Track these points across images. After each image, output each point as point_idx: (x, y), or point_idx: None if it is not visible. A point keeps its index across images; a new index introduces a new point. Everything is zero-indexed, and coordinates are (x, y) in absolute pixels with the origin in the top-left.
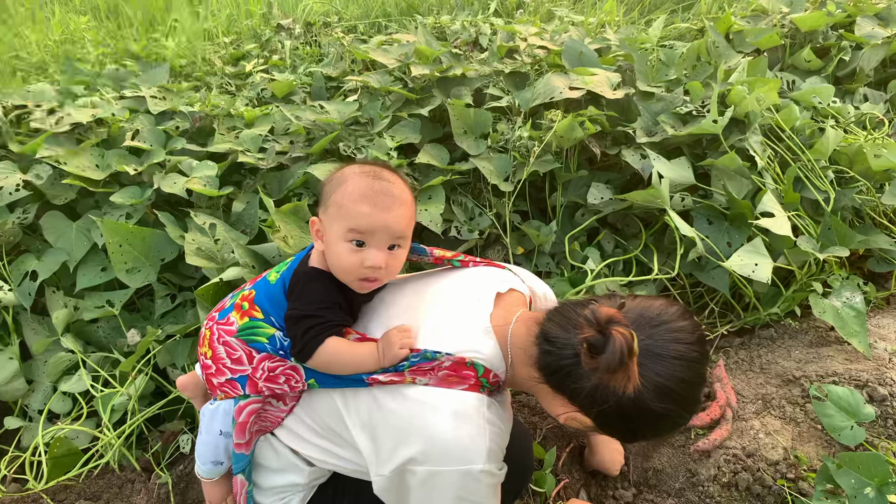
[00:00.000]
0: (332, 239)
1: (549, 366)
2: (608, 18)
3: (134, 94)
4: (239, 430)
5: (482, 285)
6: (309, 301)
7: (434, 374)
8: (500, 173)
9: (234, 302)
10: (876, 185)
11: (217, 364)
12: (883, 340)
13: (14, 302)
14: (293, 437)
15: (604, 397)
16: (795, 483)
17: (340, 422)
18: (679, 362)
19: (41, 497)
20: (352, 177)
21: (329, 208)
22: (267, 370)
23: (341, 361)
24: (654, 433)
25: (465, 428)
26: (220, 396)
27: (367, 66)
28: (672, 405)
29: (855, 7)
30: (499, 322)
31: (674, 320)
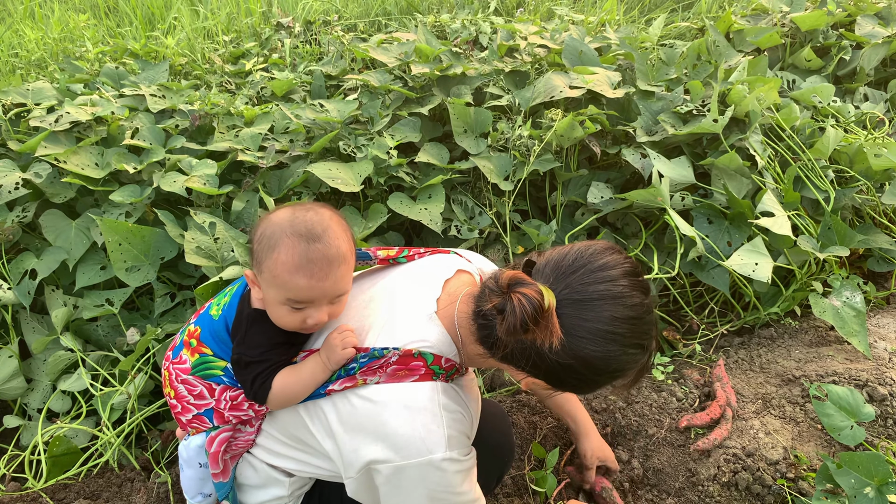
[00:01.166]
0: (270, 300)
1: (486, 339)
2: (608, 17)
3: (133, 92)
4: (212, 460)
5: (428, 274)
6: (252, 345)
7: (383, 371)
8: (500, 172)
9: (183, 339)
10: (876, 185)
11: (181, 402)
12: (883, 340)
13: (13, 300)
14: (267, 453)
15: (539, 357)
16: (795, 483)
17: (307, 431)
18: (604, 302)
19: (40, 496)
20: (283, 241)
21: (263, 274)
22: (230, 399)
23: (294, 391)
24: (612, 377)
25: (418, 419)
26: (191, 432)
27: (367, 65)
28: (612, 346)
29: (855, 6)
30: (445, 306)
31: (593, 261)
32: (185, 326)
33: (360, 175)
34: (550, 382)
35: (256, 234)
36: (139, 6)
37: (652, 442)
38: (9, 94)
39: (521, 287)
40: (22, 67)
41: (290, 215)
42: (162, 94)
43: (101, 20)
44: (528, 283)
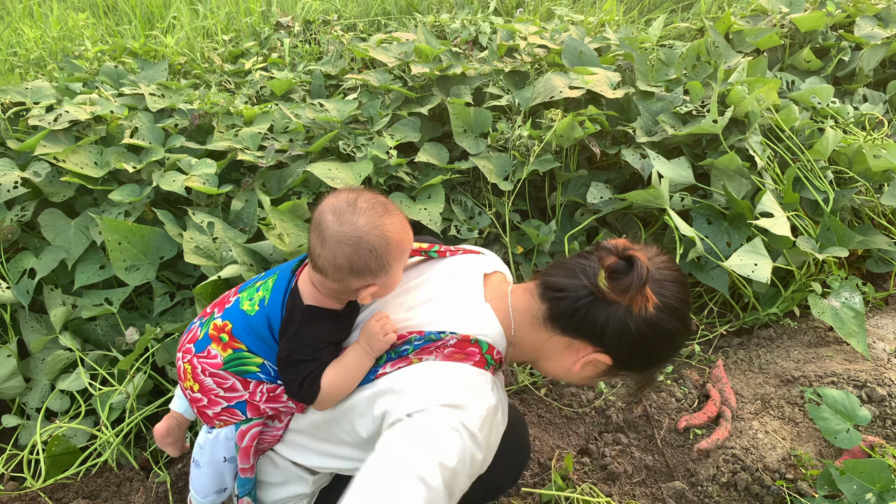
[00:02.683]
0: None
1: (564, 312)
2: (608, 18)
3: (132, 91)
4: (243, 455)
5: (468, 269)
6: (306, 343)
7: (440, 352)
8: (500, 172)
9: (208, 332)
10: (875, 186)
11: (208, 395)
12: (881, 341)
13: (12, 300)
14: (291, 449)
15: (625, 325)
16: (794, 483)
17: (338, 422)
18: (675, 284)
19: (39, 495)
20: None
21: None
22: (266, 392)
23: (343, 385)
24: (668, 353)
25: (469, 394)
26: (217, 425)
27: (367, 65)
28: (679, 322)
29: (854, 7)
30: (494, 299)
31: (657, 253)
32: (205, 319)
33: (359, 175)
34: (618, 357)
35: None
36: (138, 5)
37: (651, 442)
38: (8, 92)
39: (637, 253)
40: (21, 66)
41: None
42: (161, 93)
43: (100, 19)
44: (639, 250)
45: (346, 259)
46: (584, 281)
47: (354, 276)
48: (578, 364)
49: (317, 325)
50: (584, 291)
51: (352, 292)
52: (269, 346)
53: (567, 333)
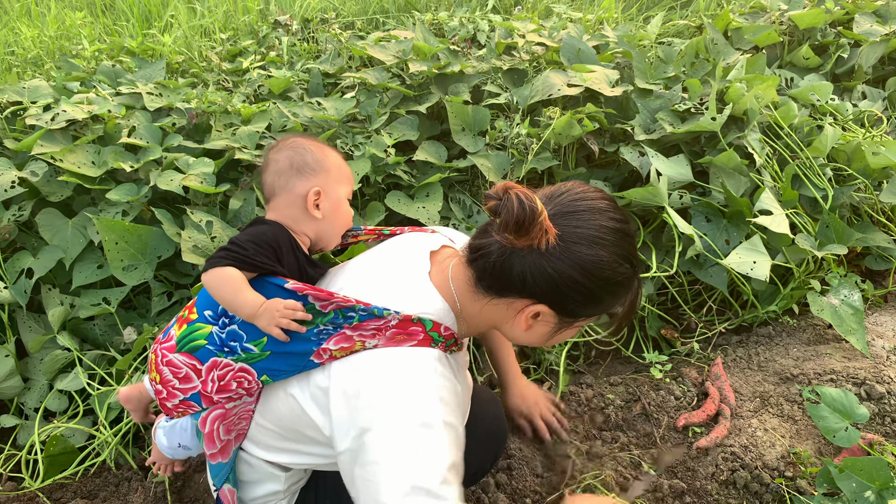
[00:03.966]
0: (341, 202)
1: (485, 272)
2: (606, 15)
3: (130, 90)
4: (208, 440)
5: (415, 247)
6: (247, 233)
7: (382, 333)
8: (499, 170)
9: (177, 317)
10: (874, 183)
11: (166, 387)
12: (881, 338)
13: (10, 300)
14: (262, 448)
15: (541, 268)
16: (793, 481)
17: (300, 418)
18: (589, 213)
19: (37, 496)
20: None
21: (332, 172)
22: (217, 380)
23: (225, 291)
24: (609, 287)
25: (414, 383)
26: (176, 416)
27: (365, 63)
28: (602, 251)
29: (853, 4)
30: (437, 275)
31: (574, 187)
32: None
33: (357, 173)
34: (554, 303)
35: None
36: (136, 4)
37: (650, 440)
38: (5, 92)
39: (514, 189)
40: (18, 65)
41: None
42: (159, 92)
43: (98, 18)
44: (520, 187)
45: (287, 158)
46: (494, 236)
47: (297, 175)
48: (523, 321)
49: (260, 228)
50: (494, 246)
51: (301, 202)
52: (216, 313)
53: (497, 293)
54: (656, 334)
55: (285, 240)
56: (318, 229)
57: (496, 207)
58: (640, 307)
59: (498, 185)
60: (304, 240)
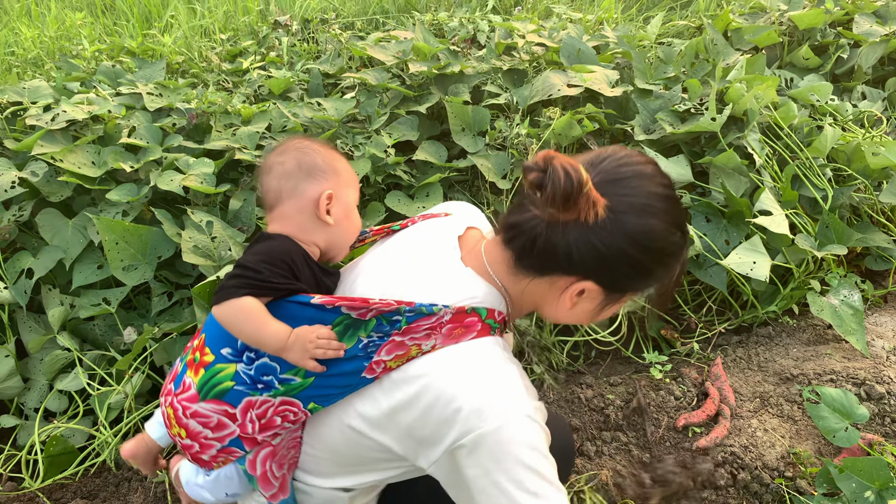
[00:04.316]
0: (351, 207)
1: (525, 250)
2: (606, 16)
3: (130, 90)
4: (263, 482)
5: (440, 235)
6: (256, 252)
7: (437, 332)
8: (498, 171)
9: (186, 361)
10: (874, 183)
11: (198, 440)
12: (880, 338)
13: (10, 300)
14: (316, 476)
15: (588, 242)
16: (793, 481)
17: (360, 443)
18: (637, 179)
19: (37, 496)
20: (326, 145)
21: (340, 174)
22: (256, 419)
23: (246, 326)
24: (661, 262)
25: (489, 377)
26: (217, 466)
27: (365, 63)
28: (653, 220)
29: (853, 5)
30: (471, 259)
31: (617, 152)
32: (186, 352)
33: (357, 173)
34: (602, 279)
35: (310, 154)
36: (136, 4)
37: (650, 440)
38: (5, 92)
39: (557, 159)
40: (18, 66)
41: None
42: (159, 92)
43: (98, 18)
44: (563, 155)
45: (294, 160)
46: (532, 211)
47: (306, 178)
48: (568, 300)
49: (271, 244)
50: (534, 222)
51: (312, 207)
52: (236, 349)
53: (540, 272)
54: (656, 334)
55: (297, 253)
56: (329, 237)
57: (539, 180)
58: (640, 307)
59: (538, 156)
60: (314, 251)
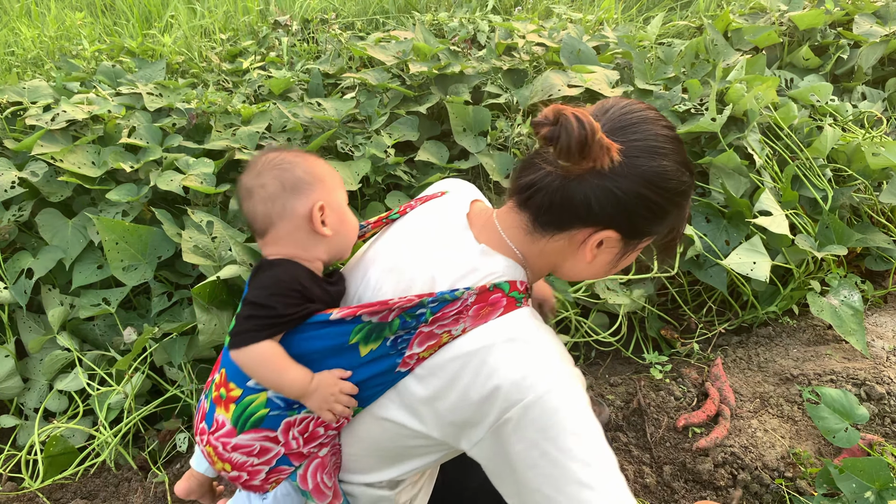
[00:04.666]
0: (344, 210)
1: (542, 207)
2: (606, 16)
3: (130, 90)
4: (317, 494)
5: (446, 215)
6: (260, 286)
7: (465, 315)
8: (501, 171)
9: (212, 398)
10: (874, 184)
11: (245, 470)
12: (880, 339)
13: (10, 300)
14: (358, 474)
15: (605, 189)
16: (793, 482)
17: (400, 435)
18: (644, 123)
19: (37, 496)
20: (300, 153)
21: (325, 180)
22: (299, 435)
23: (265, 373)
24: (673, 197)
25: (522, 348)
26: (269, 489)
27: (365, 64)
28: (665, 160)
29: (853, 5)
30: (484, 233)
31: (619, 101)
32: (209, 388)
33: (357, 174)
34: (621, 225)
35: (293, 167)
36: (136, 4)
37: (650, 441)
38: (5, 92)
39: (566, 110)
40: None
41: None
42: (159, 92)
43: (98, 18)
44: (569, 106)
45: (275, 179)
46: (545, 168)
47: (292, 194)
48: (588, 253)
49: (275, 271)
50: (550, 177)
51: (306, 224)
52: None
53: (559, 228)
54: (656, 335)
55: (304, 275)
56: (330, 248)
57: (552, 133)
58: (641, 307)
59: (547, 110)
60: (318, 266)
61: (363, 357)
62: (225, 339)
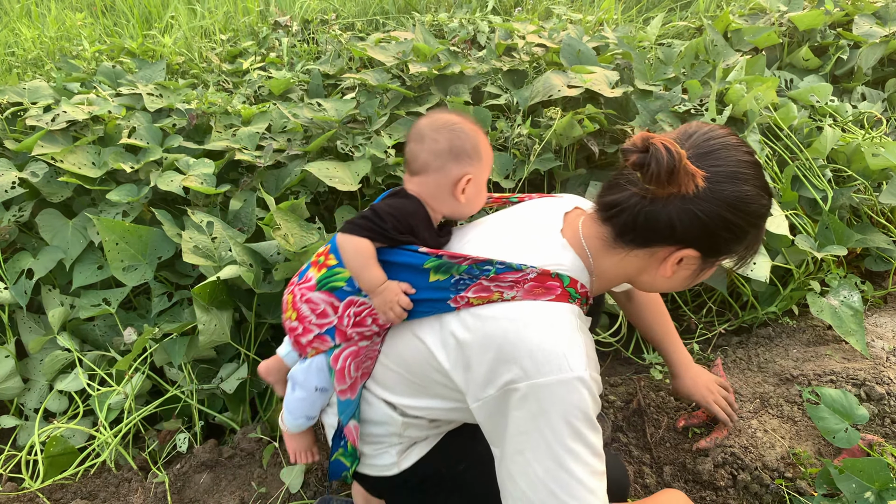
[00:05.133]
0: (483, 188)
1: (626, 226)
2: (606, 16)
3: (130, 91)
4: (339, 376)
5: (547, 209)
6: (390, 206)
7: (520, 286)
8: (501, 171)
9: (311, 261)
10: (873, 184)
11: (303, 323)
12: (880, 339)
13: (10, 300)
14: (382, 388)
15: (689, 212)
16: (793, 482)
17: (428, 362)
18: (725, 150)
19: (37, 496)
20: (474, 127)
21: (483, 159)
22: (353, 316)
23: (354, 261)
24: (752, 220)
25: (557, 336)
26: (310, 354)
27: (365, 64)
28: (746, 185)
29: (853, 6)
30: (569, 233)
31: (701, 127)
32: (308, 262)
33: (357, 174)
34: (702, 245)
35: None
36: (136, 5)
37: (650, 441)
38: (5, 92)
39: (655, 138)
40: (18, 66)
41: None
42: (159, 93)
43: (98, 19)
44: (657, 135)
45: (447, 141)
46: (630, 189)
47: (454, 160)
48: (668, 268)
49: (397, 200)
50: (634, 199)
51: (451, 185)
52: None
53: (642, 244)
54: None
55: (423, 216)
56: (456, 210)
57: (641, 160)
58: None
59: (636, 138)
60: (437, 216)
61: (429, 282)
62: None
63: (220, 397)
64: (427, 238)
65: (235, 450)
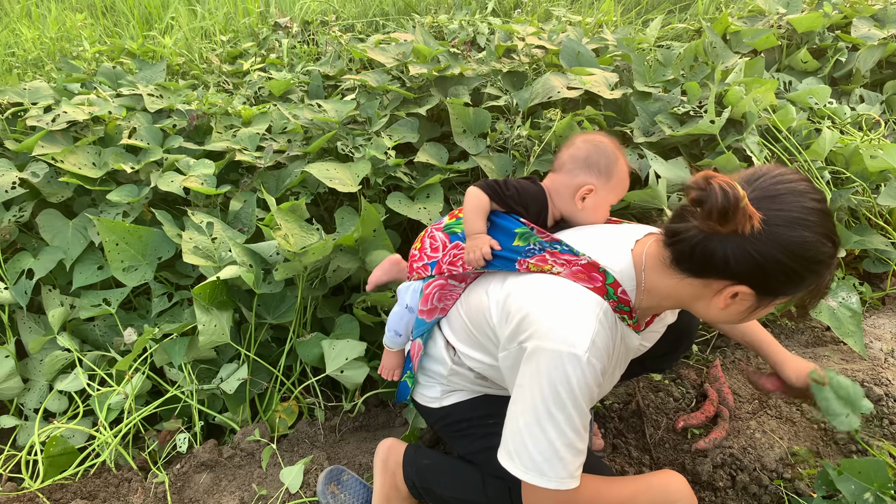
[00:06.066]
0: (603, 207)
1: (683, 254)
2: (606, 18)
3: (131, 92)
4: (424, 299)
5: (637, 228)
6: (519, 181)
7: (569, 266)
8: (501, 172)
9: (449, 213)
10: (872, 186)
11: (420, 253)
12: (878, 340)
13: (10, 300)
14: (450, 330)
15: (744, 251)
16: (792, 482)
17: (484, 316)
18: (791, 195)
19: (37, 496)
20: (619, 155)
21: (612, 181)
22: (452, 255)
23: (468, 206)
24: (813, 270)
25: (576, 316)
26: (413, 277)
27: (365, 65)
28: (807, 232)
29: (851, 8)
30: (637, 248)
31: (771, 170)
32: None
33: (357, 175)
34: (756, 284)
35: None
36: (136, 6)
37: (649, 442)
38: (6, 93)
39: (715, 178)
40: (19, 67)
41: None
42: (159, 93)
43: (98, 19)
44: (721, 175)
45: (587, 152)
46: (692, 222)
47: (585, 169)
48: (722, 301)
49: (538, 190)
50: (693, 231)
51: (573, 189)
52: None
53: (696, 274)
54: None
55: (541, 203)
56: (572, 214)
57: (700, 197)
58: None
59: (698, 176)
60: (555, 212)
61: (512, 245)
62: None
63: (220, 397)
64: (536, 220)
65: (235, 450)
